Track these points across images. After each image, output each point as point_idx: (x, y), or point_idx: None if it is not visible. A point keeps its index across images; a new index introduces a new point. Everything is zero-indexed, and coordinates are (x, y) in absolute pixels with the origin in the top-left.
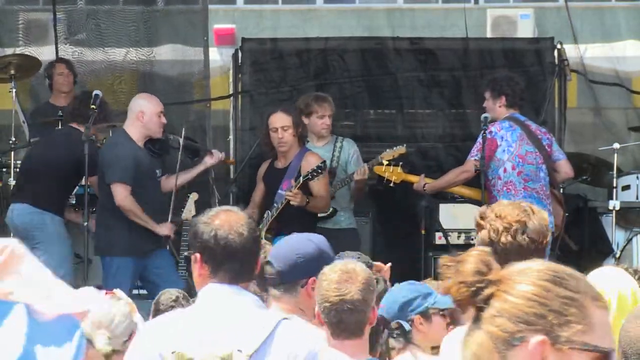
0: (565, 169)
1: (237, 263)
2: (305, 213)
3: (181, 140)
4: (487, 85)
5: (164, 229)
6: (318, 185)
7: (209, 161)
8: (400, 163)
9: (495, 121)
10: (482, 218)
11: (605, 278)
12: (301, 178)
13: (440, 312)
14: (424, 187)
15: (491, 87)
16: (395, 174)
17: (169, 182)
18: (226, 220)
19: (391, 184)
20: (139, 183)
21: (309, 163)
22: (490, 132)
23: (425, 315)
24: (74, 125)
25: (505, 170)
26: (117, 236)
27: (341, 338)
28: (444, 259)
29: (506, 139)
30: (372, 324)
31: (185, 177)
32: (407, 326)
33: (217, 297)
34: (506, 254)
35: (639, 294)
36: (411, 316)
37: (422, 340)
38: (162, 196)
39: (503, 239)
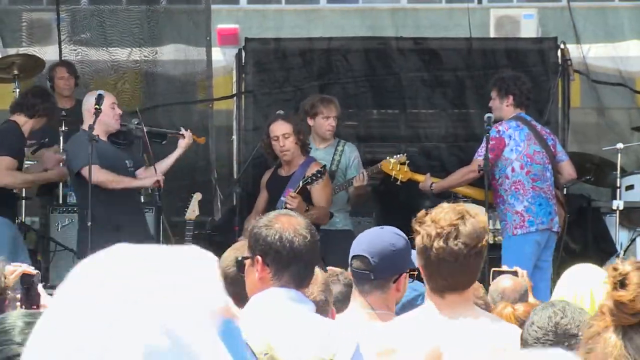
0: (568, 170)
1: (302, 266)
2: None
3: (144, 128)
4: (494, 85)
5: (149, 180)
6: (319, 194)
7: (182, 143)
8: (407, 161)
9: (500, 120)
10: (419, 223)
11: (570, 279)
12: (301, 182)
13: None
14: (430, 186)
15: (498, 86)
16: (402, 173)
17: (150, 172)
18: (289, 223)
19: (397, 182)
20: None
21: (312, 171)
22: (499, 131)
23: None
24: (15, 116)
25: (513, 170)
26: (96, 238)
27: None
28: (609, 271)
29: (514, 138)
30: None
31: (165, 163)
32: None
33: (284, 302)
34: (439, 259)
35: (597, 294)
36: None
37: None
38: (139, 195)
39: (436, 244)
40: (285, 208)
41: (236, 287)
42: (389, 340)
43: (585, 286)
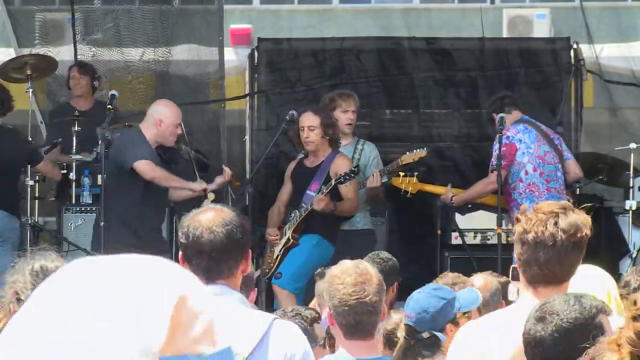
0: (574, 169)
1: (207, 260)
2: (331, 215)
3: (192, 153)
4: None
5: (199, 185)
6: (347, 189)
7: (218, 180)
8: (415, 173)
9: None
10: (521, 213)
11: (582, 281)
12: (333, 181)
13: (465, 315)
14: (451, 199)
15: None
16: (411, 185)
17: (178, 192)
18: (205, 219)
19: (408, 195)
20: (148, 185)
21: (338, 165)
22: (508, 137)
23: (454, 321)
24: None
25: (526, 173)
26: (116, 237)
27: (355, 338)
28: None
29: (524, 141)
30: (381, 321)
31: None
32: (442, 337)
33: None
34: (537, 243)
35: (616, 294)
36: (443, 325)
37: (448, 344)
38: (168, 203)
39: (535, 229)
40: (313, 209)
41: None
42: (484, 339)
43: (587, 288)
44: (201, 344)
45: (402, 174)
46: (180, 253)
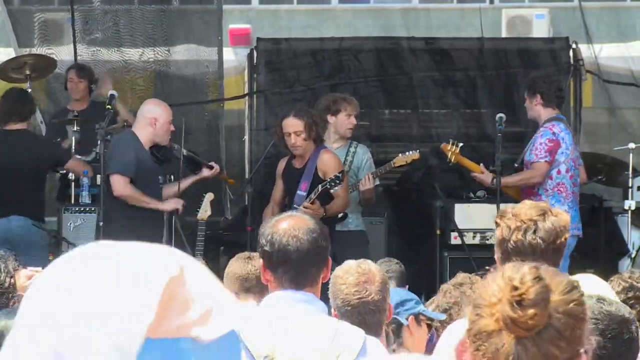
0: (582, 175)
1: (294, 268)
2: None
3: (184, 151)
4: (525, 85)
5: (169, 204)
6: (337, 190)
7: (205, 173)
8: (460, 144)
9: (534, 120)
10: (500, 217)
11: None
12: (319, 187)
13: (427, 321)
14: (492, 181)
15: (528, 85)
16: (454, 155)
17: (167, 190)
18: (289, 226)
19: (450, 163)
20: (142, 185)
21: (323, 161)
22: (554, 133)
23: (417, 319)
24: (12, 126)
25: (559, 172)
26: (117, 234)
27: None
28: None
29: (565, 141)
30: (387, 320)
31: (182, 184)
32: (404, 321)
33: (289, 304)
34: (517, 252)
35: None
36: (405, 315)
37: (408, 344)
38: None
39: (514, 237)
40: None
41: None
42: None
43: None
44: (197, 328)
45: (451, 140)
46: (261, 261)
